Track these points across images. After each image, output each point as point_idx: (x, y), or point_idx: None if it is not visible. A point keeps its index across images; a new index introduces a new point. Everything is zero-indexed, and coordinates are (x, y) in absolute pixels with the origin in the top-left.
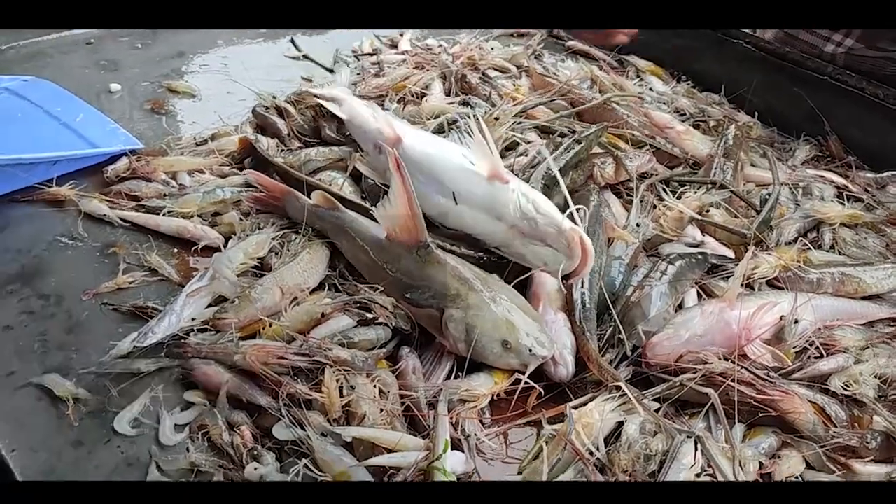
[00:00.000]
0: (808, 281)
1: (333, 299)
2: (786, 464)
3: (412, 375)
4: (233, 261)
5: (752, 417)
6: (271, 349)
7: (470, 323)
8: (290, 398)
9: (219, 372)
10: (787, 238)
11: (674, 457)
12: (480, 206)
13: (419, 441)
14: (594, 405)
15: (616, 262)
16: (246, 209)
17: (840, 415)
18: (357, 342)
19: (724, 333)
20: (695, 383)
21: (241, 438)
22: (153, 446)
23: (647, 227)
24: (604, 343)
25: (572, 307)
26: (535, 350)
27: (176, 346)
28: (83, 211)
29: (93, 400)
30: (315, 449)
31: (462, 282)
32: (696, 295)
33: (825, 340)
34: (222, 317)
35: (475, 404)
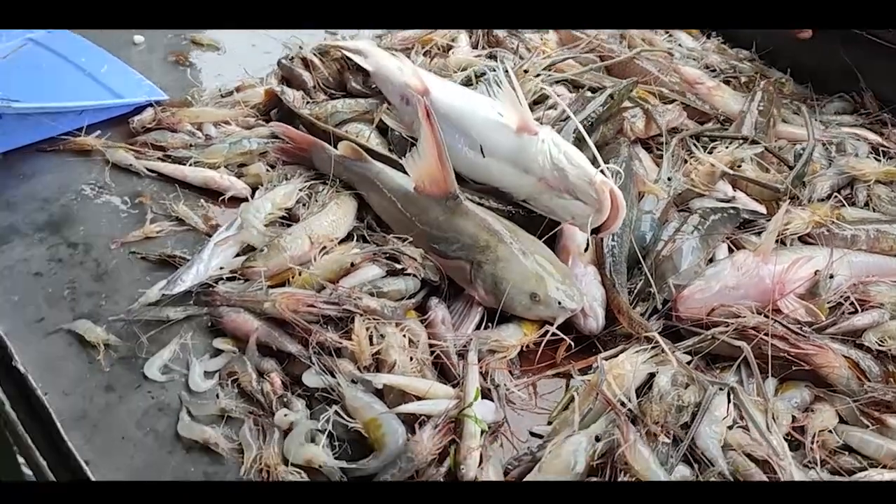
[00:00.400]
0: (841, 237)
1: (362, 250)
2: (819, 417)
3: (441, 325)
4: (261, 211)
5: (785, 372)
6: (301, 297)
7: (499, 275)
8: (319, 346)
9: (248, 319)
10: (821, 194)
11: (706, 408)
12: (508, 158)
13: (449, 389)
14: (625, 356)
15: (646, 216)
16: (272, 160)
17: (874, 369)
18: (386, 292)
19: (757, 287)
20: (727, 336)
21: (271, 385)
22: (183, 392)
23: (678, 182)
24: (634, 296)
25: (602, 260)
26: (565, 303)
27: (205, 294)
28: (110, 161)
29: (123, 346)
30: (345, 396)
31: (491, 233)
32: (728, 250)
33: (860, 296)
34: (251, 265)
35: (505, 355)
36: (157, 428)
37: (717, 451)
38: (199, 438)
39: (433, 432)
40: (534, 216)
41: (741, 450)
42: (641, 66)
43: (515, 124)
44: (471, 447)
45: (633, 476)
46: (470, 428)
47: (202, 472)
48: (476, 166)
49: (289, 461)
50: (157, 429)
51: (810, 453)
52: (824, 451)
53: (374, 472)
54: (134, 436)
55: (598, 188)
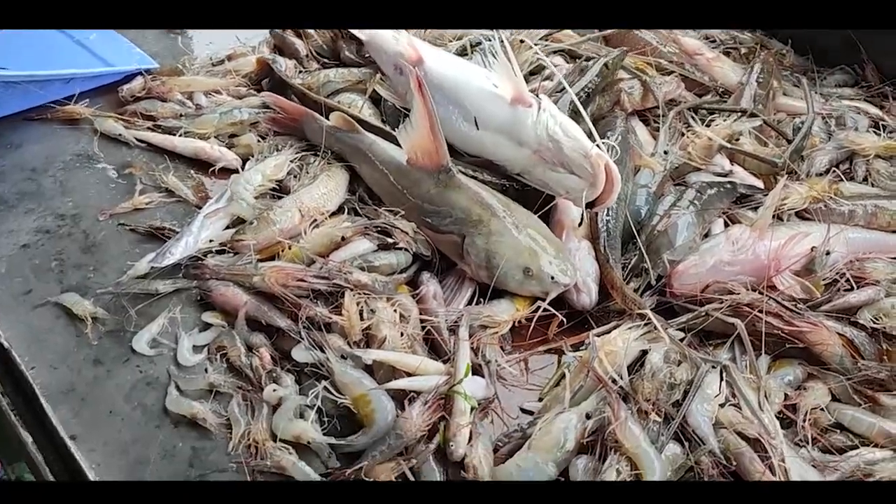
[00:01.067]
0: (839, 213)
1: (353, 223)
2: (811, 395)
3: (433, 301)
4: (251, 182)
5: (778, 349)
6: (290, 271)
7: (491, 249)
8: (309, 321)
9: (237, 293)
10: (819, 169)
11: (698, 386)
12: (502, 130)
13: (440, 365)
14: (618, 333)
15: (642, 190)
16: (263, 131)
17: (868, 347)
18: (377, 266)
19: (752, 263)
20: (721, 313)
21: (260, 360)
22: (172, 366)
23: (674, 155)
24: (628, 272)
25: (596, 235)
26: (558, 277)
27: (194, 268)
28: (99, 130)
29: (111, 319)
30: (334, 371)
31: (484, 207)
32: (724, 225)
33: (856, 273)
34: (241, 238)
35: (496, 330)
36: (146, 402)
37: (708, 430)
38: (188, 413)
39: (423, 409)
40: (528, 190)
41: (732, 428)
42: (640, 36)
43: (510, 95)
44: (460, 424)
45: (623, 454)
46: (460, 405)
47: (190, 447)
48: (470, 138)
49: (277, 437)
50: (145, 403)
51: (802, 431)
52: (816, 430)
53: (362, 448)
54: (122, 410)
55: (593, 162)
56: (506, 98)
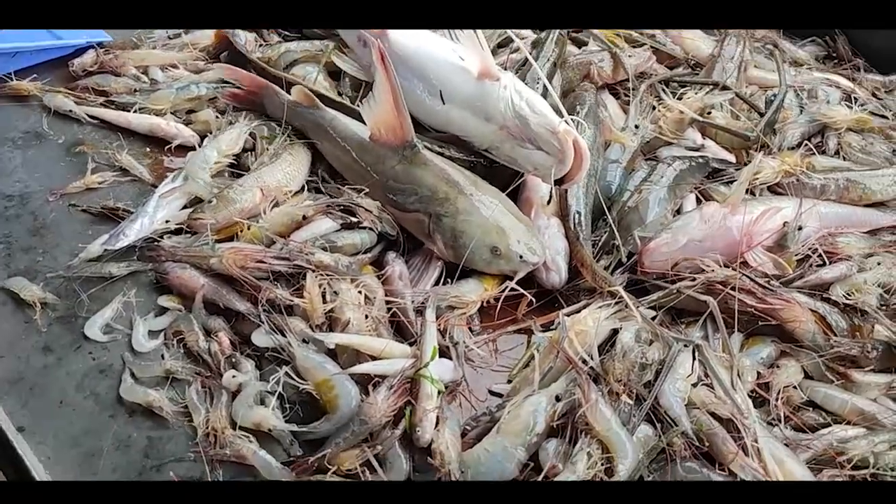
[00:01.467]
0: (811, 187)
1: (315, 202)
2: (784, 373)
3: (399, 281)
4: (207, 160)
5: (751, 327)
6: (249, 252)
7: (459, 228)
8: (270, 304)
9: (194, 276)
10: (791, 142)
11: (670, 366)
12: (469, 105)
13: (406, 348)
14: (588, 312)
15: (613, 166)
16: (222, 106)
17: (841, 324)
18: (340, 246)
19: (724, 240)
20: (693, 291)
21: (219, 345)
22: (126, 353)
23: (645, 130)
24: (598, 249)
25: (566, 212)
26: (526, 256)
27: (149, 249)
28: (48, 106)
29: (61, 305)
30: (296, 356)
31: (451, 185)
32: (696, 200)
33: (828, 248)
34: (198, 216)
35: (464, 311)
36: (98, 391)
37: (680, 410)
38: (143, 401)
39: (388, 393)
40: (496, 166)
41: (705, 408)
42: None
43: (477, 69)
44: (427, 409)
45: (594, 436)
46: (426, 389)
47: (145, 437)
48: (436, 113)
49: (237, 424)
50: (97, 392)
51: (774, 410)
52: (789, 408)
53: (326, 435)
54: (73, 399)
55: (561, 137)
56: (472, 72)
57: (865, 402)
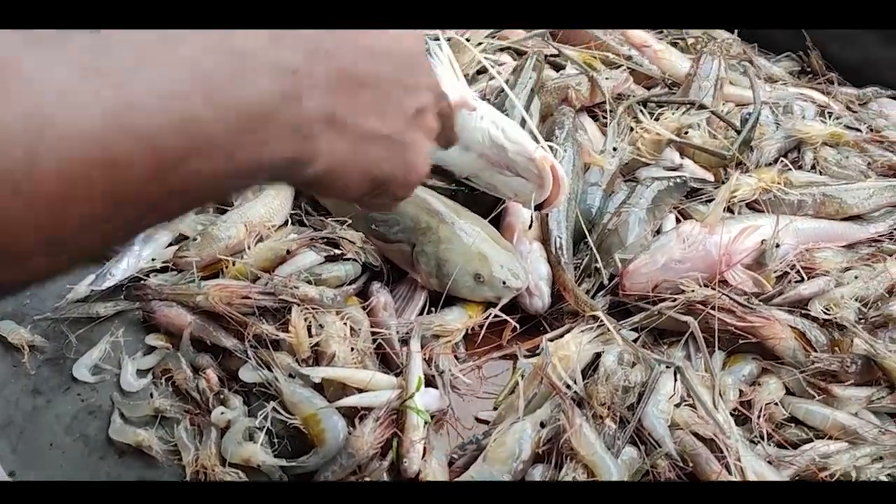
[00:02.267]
0: (788, 203)
1: (299, 235)
2: (766, 390)
3: (383, 311)
4: None
5: (732, 345)
6: (235, 289)
7: (441, 257)
8: (256, 339)
9: (181, 314)
10: (768, 159)
11: (652, 388)
12: None
13: (392, 379)
14: (570, 337)
15: (593, 189)
16: None
17: (820, 339)
18: (325, 279)
19: (703, 259)
20: (674, 311)
21: (207, 382)
22: (115, 393)
23: (623, 151)
24: (580, 272)
25: (548, 236)
26: (509, 282)
27: (135, 288)
28: None
29: (50, 347)
30: (283, 391)
31: (432, 214)
32: (675, 220)
33: (806, 263)
34: (183, 255)
35: (449, 339)
36: (88, 432)
37: (663, 431)
38: (132, 441)
39: (374, 425)
40: (477, 194)
41: (688, 428)
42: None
43: (453, 100)
44: (413, 440)
45: (579, 461)
46: (412, 420)
47: (136, 477)
48: None
49: (226, 461)
50: (87, 433)
51: (757, 428)
52: (771, 425)
53: (314, 469)
54: (63, 442)
55: (539, 164)
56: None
57: (846, 416)
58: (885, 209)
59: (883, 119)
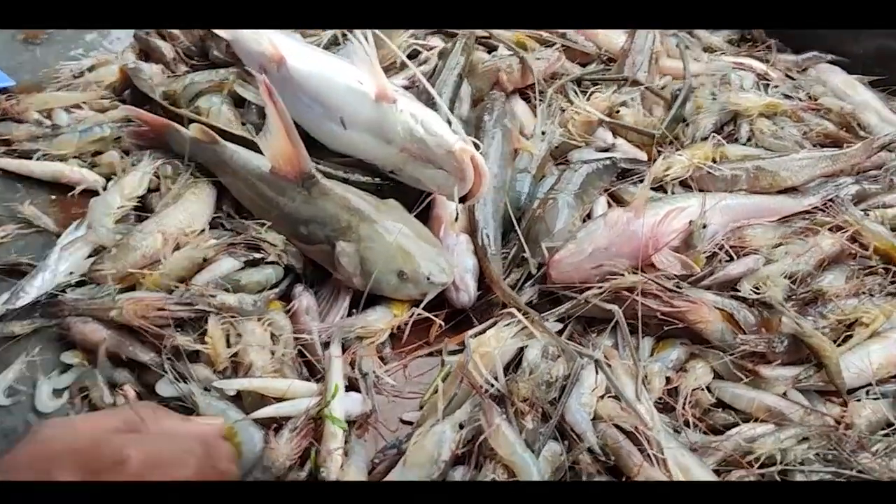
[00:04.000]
0: (722, 178)
1: (218, 240)
2: (692, 376)
3: (305, 315)
4: (110, 206)
5: (662, 330)
6: (149, 301)
7: (363, 255)
8: (175, 351)
9: (96, 329)
10: (704, 133)
11: (575, 381)
12: (369, 129)
13: (312, 386)
14: (493, 332)
15: (522, 175)
16: (127, 147)
17: (749, 319)
18: (244, 285)
19: (630, 244)
20: (600, 299)
21: (125, 398)
22: (30, 414)
23: (553, 135)
24: (509, 263)
25: (474, 228)
26: (434, 277)
27: (51, 305)
28: None
29: None
30: (199, 405)
31: (352, 212)
32: (607, 204)
33: (736, 242)
34: (98, 268)
35: (373, 340)
36: None
37: (586, 426)
38: None
39: (291, 436)
40: (403, 187)
41: (611, 421)
42: None
43: (373, 92)
44: (331, 449)
45: (499, 462)
46: (329, 428)
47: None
48: (339, 138)
49: None
50: None
51: (682, 415)
52: (698, 411)
53: None
54: None
55: (458, 156)
56: (370, 95)
57: (772, 397)
58: (819, 180)
59: (821, 86)
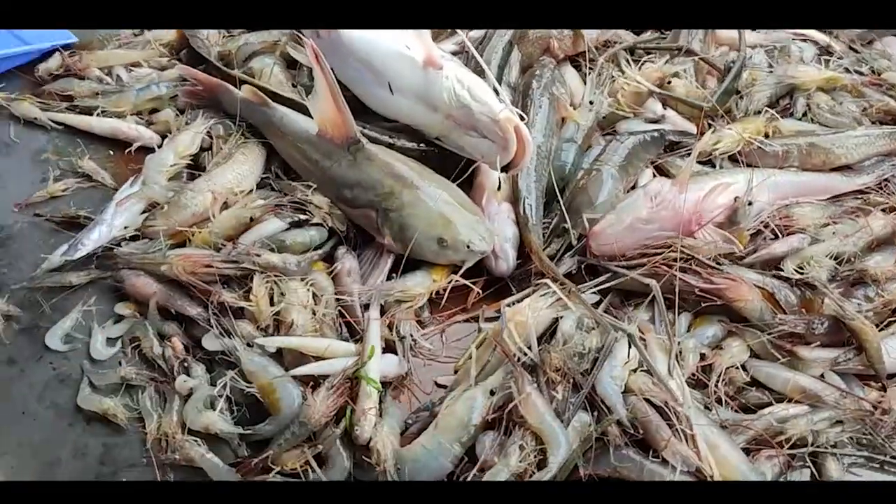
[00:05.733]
0: (773, 154)
1: (265, 200)
2: (727, 354)
3: (347, 277)
4: (164, 163)
5: (699, 307)
6: (198, 258)
7: (405, 222)
8: (221, 307)
9: (148, 283)
10: (758, 106)
11: (607, 354)
12: (415, 95)
13: (350, 347)
14: (528, 302)
15: (567, 145)
16: (182, 105)
17: (790, 299)
18: (288, 245)
19: (672, 219)
20: (637, 274)
21: (173, 350)
22: (85, 361)
23: (601, 105)
24: (549, 233)
25: (517, 197)
26: (474, 245)
27: (106, 258)
28: (14, 115)
29: (25, 316)
30: (242, 359)
31: (396, 178)
32: (652, 176)
33: (782, 220)
34: (151, 224)
35: (411, 304)
36: (58, 401)
37: (616, 398)
38: (99, 410)
39: (328, 394)
40: (447, 154)
41: (642, 395)
42: None
43: (421, 57)
44: (365, 408)
45: (528, 429)
46: (364, 388)
47: (101, 444)
48: (386, 103)
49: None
50: (57, 402)
51: (714, 392)
52: (731, 388)
53: (270, 436)
54: (34, 410)
55: (503, 125)
56: (418, 61)
57: (809, 379)
58: (876, 159)
59: (886, 60)
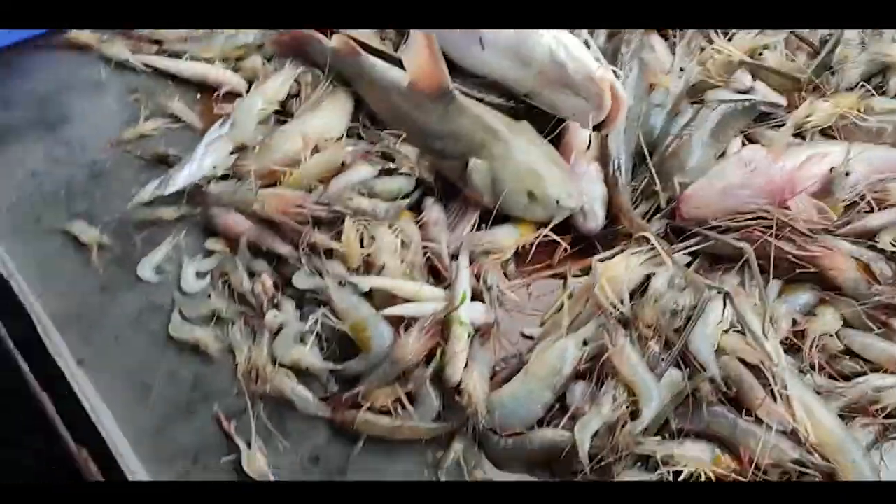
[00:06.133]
0: (866, 130)
1: (355, 147)
2: (820, 320)
3: (435, 227)
4: (253, 107)
5: (791, 273)
6: (290, 198)
7: (495, 174)
8: (310, 247)
9: (239, 220)
10: (849, 83)
11: (701, 312)
12: (508, 51)
13: (439, 292)
14: (621, 258)
15: (656, 110)
16: (269, 53)
17: (886, 272)
18: (378, 192)
19: (766, 186)
20: (729, 238)
21: (262, 286)
22: (175, 292)
23: (691, 72)
24: (637, 195)
25: (606, 157)
26: (563, 201)
27: (197, 195)
28: (105, 56)
29: (117, 247)
30: (333, 298)
31: (487, 131)
32: (741, 145)
33: (878, 194)
34: (242, 163)
35: (498, 256)
36: (150, 328)
37: (709, 356)
38: (190, 339)
39: (419, 335)
40: (537, 112)
41: (735, 355)
42: None
43: None
44: (456, 350)
45: (620, 381)
46: (456, 331)
47: (192, 373)
48: (477, 58)
49: (277, 361)
50: (150, 329)
51: (808, 358)
52: (824, 356)
53: (360, 373)
54: (128, 336)
55: (598, 83)
56: None
57: None
58: None
59: None
